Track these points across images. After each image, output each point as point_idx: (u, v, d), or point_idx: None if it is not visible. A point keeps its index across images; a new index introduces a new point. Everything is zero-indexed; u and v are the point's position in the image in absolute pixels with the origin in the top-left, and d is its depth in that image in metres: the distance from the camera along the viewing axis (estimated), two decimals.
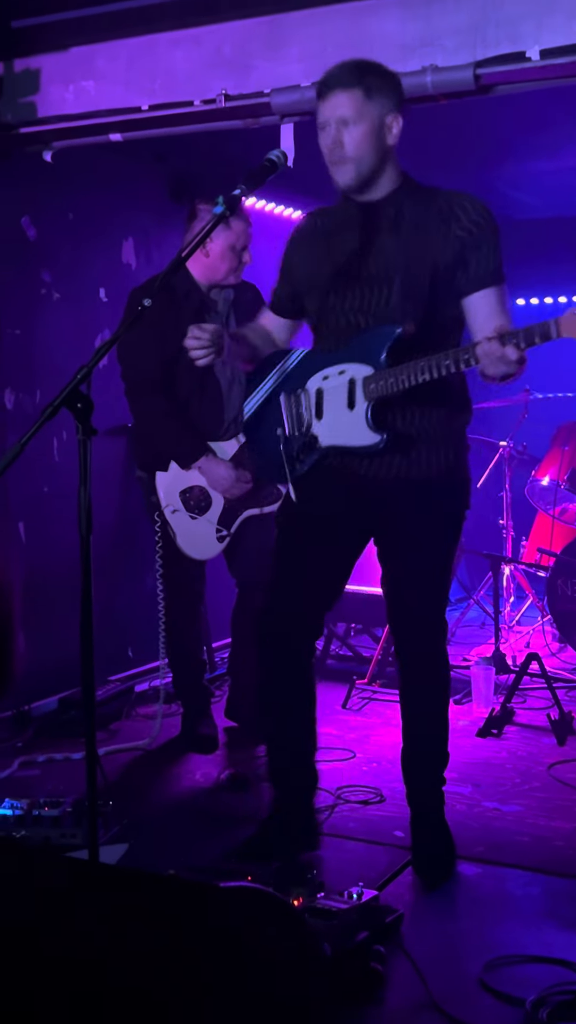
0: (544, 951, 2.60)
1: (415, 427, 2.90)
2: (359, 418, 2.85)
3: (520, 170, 5.97)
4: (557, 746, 4.18)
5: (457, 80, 3.12)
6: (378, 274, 2.85)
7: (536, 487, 5.96)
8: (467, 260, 2.81)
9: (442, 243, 2.80)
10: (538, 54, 3.03)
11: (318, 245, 2.98)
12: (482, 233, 2.82)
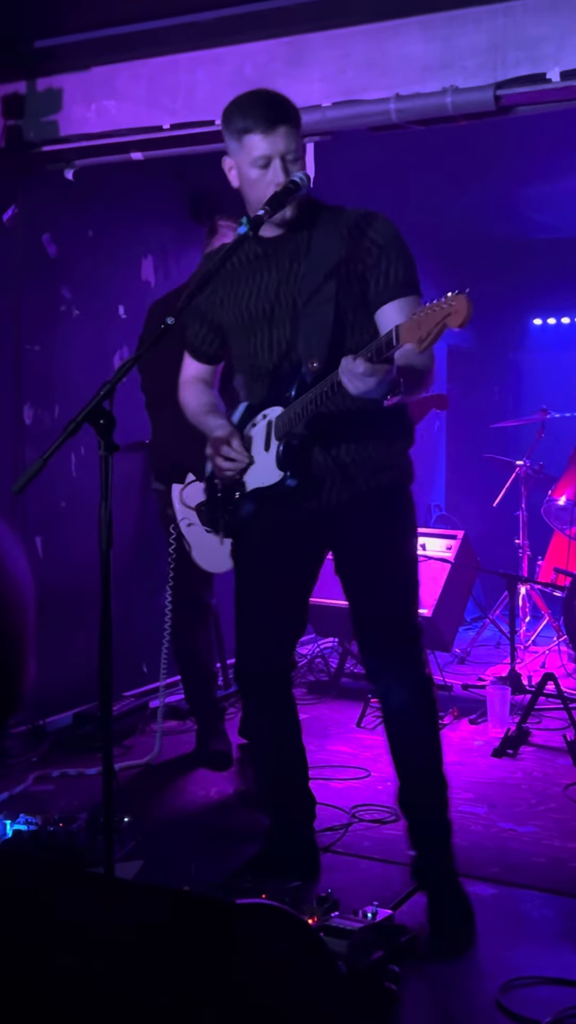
0: (561, 973, 2.58)
1: (346, 456, 2.84)
2: (271, 457, 2.86)
3: (540, 191, 5.98)
4: (573, 767, 4.16)
5: (477, 101, 3.14)
6: (281, 310, 2.83)
7: (553, 507, 5.94)
8: (372, 276, 2.76)
9: (344, 267, 2.75)
10: (559, 75, 3.04)
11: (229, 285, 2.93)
12: (383, 248, 2.76)
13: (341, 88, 3.31)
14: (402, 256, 2.79)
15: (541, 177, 5.69)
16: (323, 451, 2.85)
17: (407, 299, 2.77)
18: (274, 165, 2.73)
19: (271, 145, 2.72)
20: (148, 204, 4.98)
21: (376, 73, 3.27)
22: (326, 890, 2.66)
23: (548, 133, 4.80)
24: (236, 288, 2.91)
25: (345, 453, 2.85)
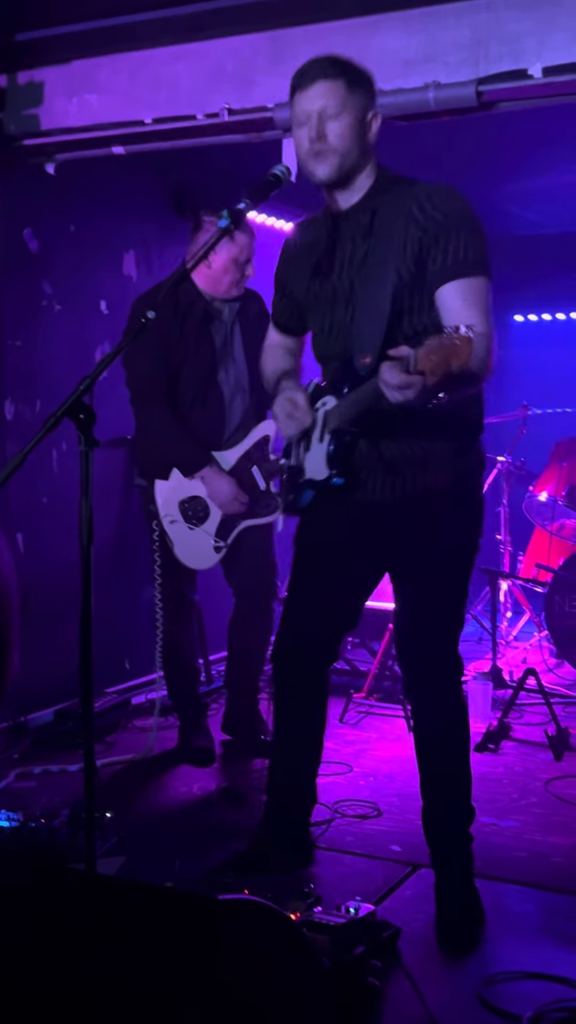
0: (542, 968, 2.59)
1: (396, 451, 2.77)
2: (322, 452, 2.82)
3: (522, 187, 5.99)
4: (554, 762, 4.18)
5: (459, 96, 3.14)
6: (344, 292, 2.78)
7: (534, 502, 5.96)
8: (432, 252, 2.63)
9: (405, 243, 2.65)
10: (540, 71, 3.04)
11: (303, 260, 2.91)
12: (443, 224, 2.63)
13: None
14: (468, 231, 2.63)
15: (524, 173, 5.70)
16: (370, 445, 2.76)
17: (469, 280, 2.62)
18: (312, 122, 2.67)
19: (308, 102, 2.66)
20: (130, 199, 4.96)
21: None
22: (308, 885, 2.66)
23: (531, 129, 4.81)
24: (305, 262, 2.88)
25: (395, 449, 2.75)
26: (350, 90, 2.66)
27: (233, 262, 3.88)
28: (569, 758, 4.22)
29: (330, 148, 2.67)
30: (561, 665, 5.56)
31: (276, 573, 4.23)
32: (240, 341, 4.04)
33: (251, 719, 4.25)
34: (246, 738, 4.21)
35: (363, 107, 2.70)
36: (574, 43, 3.00)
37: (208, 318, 3.96)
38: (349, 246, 2.78)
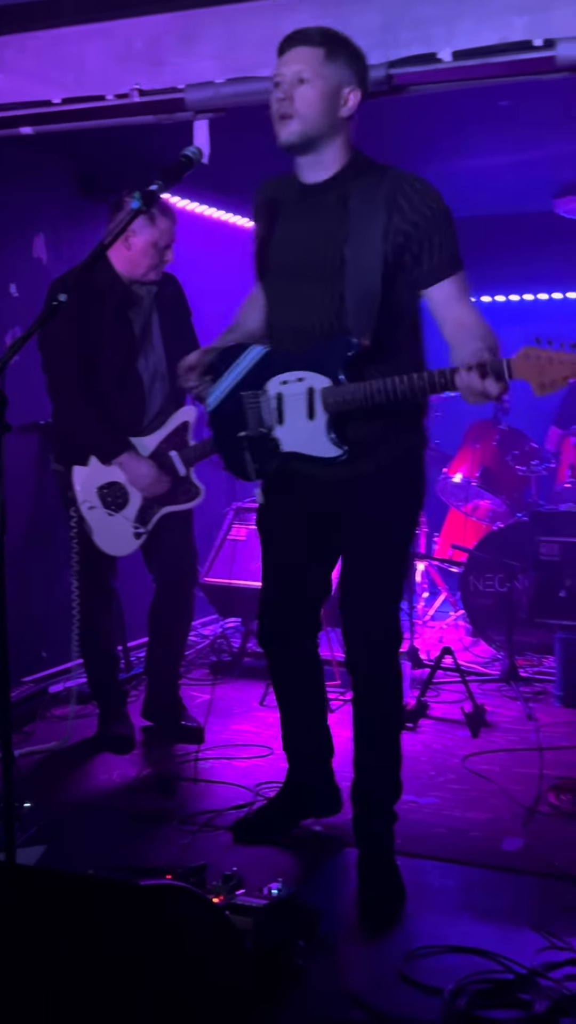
0: (462, 941, 2.63)
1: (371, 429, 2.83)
2: (319, 429, 2.82)
3: (435, 171, 6.02)
4: (471, 738, 4.25)
5: (370, 79, 3.13)
6: (326, 269, 2.77)
7: (448, 484, 6.04)
8: (418, 253, 2.72)
9: (387, 236, 2.70)
10: (450, 55, 3.06)
11: (277, 223, 2.90)
12: (430, 222, 2.72)
13: (234, 65, 3.29)
14: (448, 227, 2.76)
15: (435, 157, 5.74)
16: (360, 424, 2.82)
17: (458, 276, 2.78)
18: (282, 86, 2.72)
19: (284, 64, 2.72)
20: (40, 180, 4.88)
21: (269, 50, 3.23)
22: (231, 868, 2.67)
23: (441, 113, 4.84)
24: (281, 225, 2.88)
25: (356, 428, 2.82)
26: (328, 59, 2.70)
27: (153, 246, 3.85)
28: (485, 734, 4.29)
29: (294, 111, 2.71)
30: (476, 643, 5.65)
31: (196, 559, 4.22)
32: (158, 327, 4.01)
33: (172, 705, 4.24)
34: (167, 724, 4.20)
35: (340, 79, 2.73)
36: (483, 28, 3.03)
37: (127, 303, 3.92)
38: (322, 222, 2.79)
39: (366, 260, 2.71)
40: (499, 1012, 2.33)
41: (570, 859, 3.09)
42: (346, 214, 2.74)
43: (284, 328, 2.92)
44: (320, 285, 2.79)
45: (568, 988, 2.40)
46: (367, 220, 2.71)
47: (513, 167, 5.96)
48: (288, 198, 2.88)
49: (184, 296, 4.13)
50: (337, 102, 2.73)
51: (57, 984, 1.32)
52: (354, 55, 2.76)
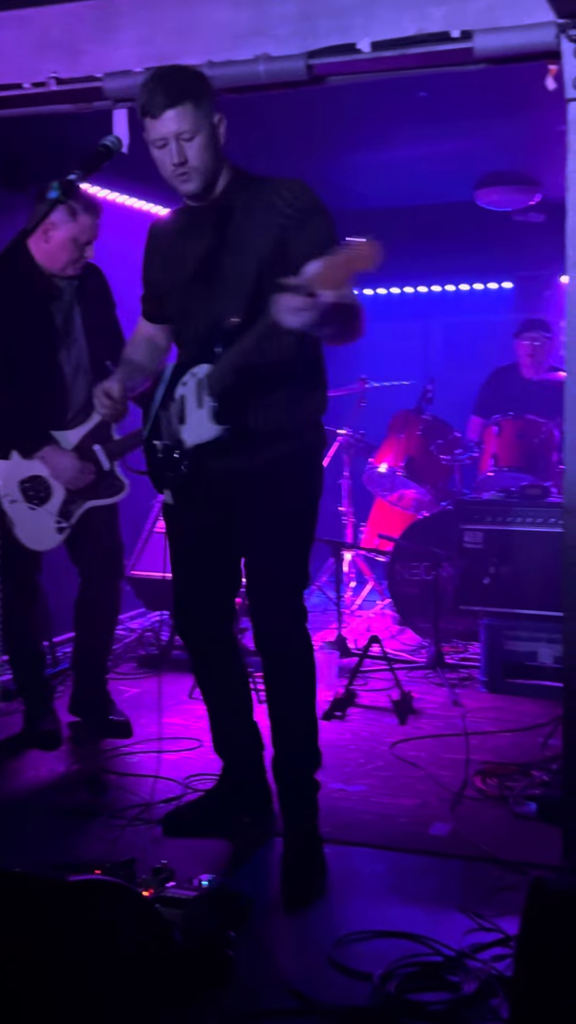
0: (391, 925, 2.66)
1: (264, 418, 2.96)
2: (205, 413, 2.93)
3: (355, 161, 6.06)
4: (399, 725, 4.29)
5: (289, 70, 3.14)
6: (210, 274, 2.93)
7: (374, 474, 6.07)
8: (293, 243, 2.83)
9: (266, 237, 2.84)
10: (369, 46, 3.07)
11: (166, 252, 3.08)
12: (302, 213, 2.84)
13: (152, 54, 3.26)
14: (322, 217, 2.87)
15: (357, 148, 5.77)
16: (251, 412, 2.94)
17: None
18: (170, 147, 2.81)
19: (163, 127, 2.79)
20: None
21: (187, 39, 3.24)
22: (161, 861, 2.66)
23: (362, 104, 4.86)
24: (168, 252, 3.05)
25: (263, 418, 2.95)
26: (198, 107, 2.80)
27: (72, 241, 3.81)
28: (413, 721, 4.34)
29: (193, 168, 2.84)
30: (403, 632, 5.70)
31: (123, 552, 4.20)
32: (80, 320, 3.98)
33: (99, 699, 4.21)
34: (94, 719, 4.17)
35: (211, 117, 2.85)
36: (401, 18, 3.04)
37: (48, 295, 3.87)
38: (207, 236, 2.94)
39: (243, 258, 2.87)
40: (429, 995, 2.36)
41: (496, 842, 3.14)
42: (229, 224, 2.90)
43: (184, 340, 3.11)
44: (203, 293, 2.95)
45: (496, 968, 2.44)
46: (250, 224, 2.87)
47: (434, 158, 6.02)
48: (176, 228, 3.06)
49: (108, 288, 4.09)
50: (217, 137, 2.88)
51: None
52: (205, 83, 2.88)
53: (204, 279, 2.95)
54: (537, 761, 3.77)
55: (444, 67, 3.11)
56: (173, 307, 3.11)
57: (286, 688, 3.10)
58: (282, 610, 3.06)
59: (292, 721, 3.11)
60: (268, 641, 3.09)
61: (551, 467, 5.51)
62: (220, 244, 2.92)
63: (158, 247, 3.13)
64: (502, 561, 5.00)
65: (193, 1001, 2.32)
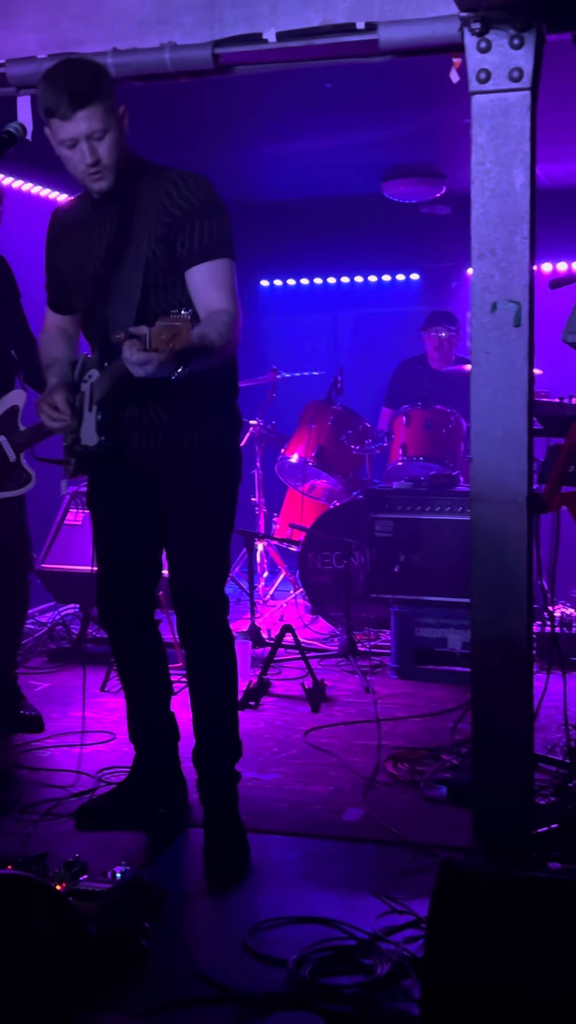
0: (305, 911, 2.68)
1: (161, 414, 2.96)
2: (92, 420, 2.97)
3: (261, 152, 6.06)
4: (312, 713, 4.32)
5: (195, 59, 3.12)
6: (111, 275, 2.91)
7: (286, 464, 6.10)
8: (180, 237, 2.82)
9: (156, 227, 2.83)
10: (274, 36, 3.07)
11: (69, 242, 3.05)
12: (194, 208, 2.82)
13: (56, 40, 3.22)
14: (214, 216, 2.84)
15: (264, 139, 5.77)
16: (139, 410, 2.94)
17: (215, 262, 2.84)
18: (81, 147, 2.78)
19: (73, 128, 2.75)
20: None
21: (92, 25, 3.20)
22: (74, 855, 2.64)
23: (269, 95, 4.87)
24: (71, 243, 3.01)
25: (160, 412, 2.95)
26: (103, 105, 2.78)
27: None
28: (326, 709, 4.37)
29: (105, 166, 2.83)
30: (316, 620, 5.74)
31: (30, 545, 4.15)
32: None
33: (9, 694, 4.16)
34: (5, 714, 4.12)
35: (115, 111, 2.83)
36: (306, 8, 3.04)
37: None
38: (107, 229, 2.92)
39: (133, 257, 2.85)
40: (342, 978, 2.39)
41: (408, 826, 3.19)
42: (128, 217, 2.88)
43: (89, 335, 3.11)
44: (98, 291, 2.95)
45: (408, 950, 2.47)
46: (142, 218, 2.85)
47: (341, 150, 6.05)
48: (77, 217, 3.04)
49: (12, 276, 4.03)
50: (122, 130, 2.86)
51: None
52: (109, 78, 2.87)
53: (105, 277, 2.92)
54: (447, 745, 3.84)
55: (349, 59, 3.13)
56: (77, 301, 3.08)
57: (210, 677, 3.11)
58: (204, 599, 3.07)
59: (215, 710, 3.12)
60: (191, 630, 3.10)
61: (459, 457, 5.59)
62: (119, 238, 2.89)
63: (61, 236, 3.08)
64: (412, 549, 5.06)
65: (108, 993, 2.31)
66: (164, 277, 2.86)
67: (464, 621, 4.58)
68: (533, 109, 2.86)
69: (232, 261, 2.89)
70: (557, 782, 3.37)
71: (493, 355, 2.90)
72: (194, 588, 3.06)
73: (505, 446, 2.90)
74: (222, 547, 3.11)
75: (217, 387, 3.02)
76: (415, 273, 7.79)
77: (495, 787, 2.98)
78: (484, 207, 2.89)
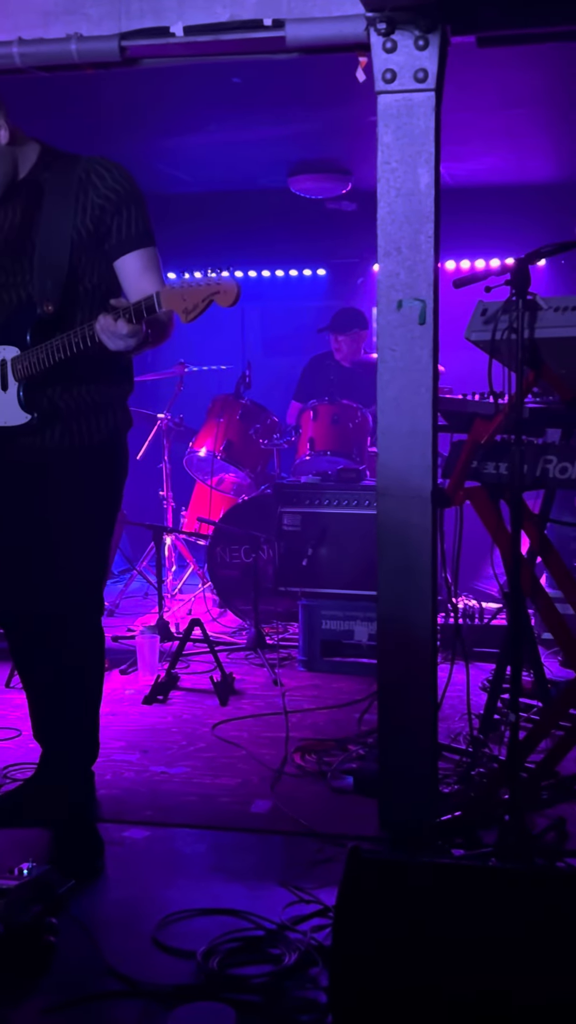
0: (213, 903, 2.70)
1: (73, 400, 2.95)
2: (12, 398, 2.92)
3: (169, 144, 6.04)
4: (220, 707, 4.33)
5: (102, 50, 3.10)
6: (20, 250, 2.89)
7: (194, 458, 6.09)
8: (109, 226, 2.86)
9: (80, 213, 2.84)
10: (181, 30, 3.07)
11: None
12: (120, 198, 2.86)
13: None
14: (138, 205, 2.90)
15: (172, 131, 5.75)
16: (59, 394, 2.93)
17: (145, 251, 2.91)
18: None
19: None
20: None
21: None
22: None
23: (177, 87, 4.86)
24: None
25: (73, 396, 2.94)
26: None
27: None
28: (234, 702, 4.39)
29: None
30: (224, 614, 5.76)
31: None
32: None
33: None
34: None
35: None
36: (215, 4, 3.04)
37: None
38: (20, 213, 2.89)
39: (56, 237, 2.85)
40: (251, 968, 2.41)
41: (315, 816, 3.22)
42: (39, 203, 2.87)
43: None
44: (14, 265, 2.91)
45: (315, 939, 2.50)
46: (59, 202, 2.86)
47: (249, 144, 6.07)
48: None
49: None
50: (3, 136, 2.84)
51: None
52: None
53: (14, 255, 2.90)
54: (353, 736, 3.89)
55: (257, 55, 3.14)
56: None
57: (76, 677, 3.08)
58: (78, 600, 3.03)
59: (79, 709, 3.11)
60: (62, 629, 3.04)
61: (365, 451, 5.65)
62: (30, 222, 2.88)
63: None
64: (319, 543, 5.11)
65: (14, 989, 2.30)
66: (87, 256, 2.88)
67: (370, 613, 4.64)
68: (438, 109, 2.91)
69: (155, 247, 2.95)
70: (460, 770, 3.44)
71: (399, 352, 2.94)
72: (70, 588, 3.01)
73: (410, 441, 2.95)
74: (98, 549, 3.07)
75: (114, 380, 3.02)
76: (322, 268, 7.84)
77: (400, 776, 3.03)
78: (390, 206, 2.93)
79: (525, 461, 2.90)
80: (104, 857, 2.96)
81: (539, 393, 3.29)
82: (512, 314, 2.84)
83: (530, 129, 5.71)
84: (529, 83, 4.92)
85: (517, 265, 2.83)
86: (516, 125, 5.59)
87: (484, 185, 6.74)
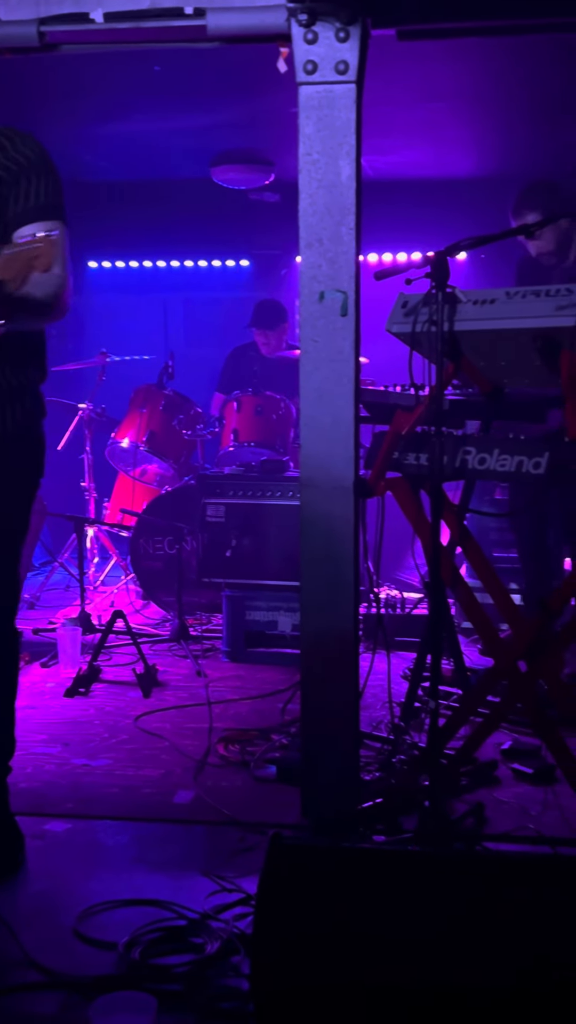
0: (135, 894, 2.69)
1: None
2: None
3: (89, 132, 5.98)
4: (143, 698, 4.32)
5: (20, 35, 3.06)
6: None
7: (116, 449, 6.06)
8: (6, 196, 2.72)
9: None
10: (102, 16, 3.04)
11: None
12: (30, 164, 2.73)
13: None
14: (47, 177, 2.76)
15: (93, 118, 5.69)
16: None
17: (48, 223, 2.73)
18: None
19: None
20: None
21: None
22: None
23: (96, 73, 4.81)
24: None
25: None
26: None
27: None
28: (157, 694, 4.38)
29: None
30: (147, 606, 5.74)
31: None
32: None
33: None
34: None
35: None
36: None
37: None
38: None
39: None
40: (173, 958, 2.41)
41: (238, 805, 3.23)
42: None
43: None
44: None
45: (237, 927, 2.52)
46: None
47: (170, 133, 6.04)
48: None
49: None
50: None
51: None
52: None
53: None
54: (276, 726, 3.91)
55: (178, 43, 3.12)
56: None
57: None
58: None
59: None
60: None
61: (289, 442, 5.67)
62: None
63: None
64: (243, 534, 5.11)
65: None
66: None
67: (294, 604, 4.66)
68: (359, 102, 2.92)
69: (65, 226, 2.79)
70: (382, 758, 3.48)
71: (321, 343, 2.96)
72: None
73: (333, 433, 2.97)
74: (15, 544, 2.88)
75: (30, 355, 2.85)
76: (245, 259, 7.84)
77: (322, 764, 3.05)
78: (312, 198, 2.94)
79: (445, 452, 2.94)
80: (24, 851, 2.93)
81: (459, 385, 3.33)
82: (432, 307, 2.87)
83: (451, 123, 5.77)
84: (451, 77, 4.97)
85: (437, 258, 2.86)
86: (438, 119, 5.64)
87: (405, 178, 6.79)
